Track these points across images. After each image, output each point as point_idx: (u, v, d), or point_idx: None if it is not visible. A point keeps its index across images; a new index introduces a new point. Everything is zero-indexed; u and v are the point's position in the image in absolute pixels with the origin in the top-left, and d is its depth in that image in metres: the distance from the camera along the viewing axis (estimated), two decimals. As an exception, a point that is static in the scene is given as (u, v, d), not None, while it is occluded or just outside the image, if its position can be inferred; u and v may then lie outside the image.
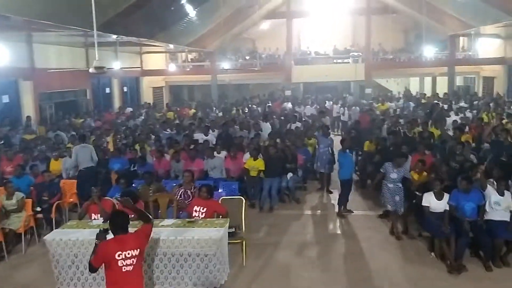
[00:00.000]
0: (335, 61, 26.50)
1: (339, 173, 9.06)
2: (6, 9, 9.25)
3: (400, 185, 7.63)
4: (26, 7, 9.55)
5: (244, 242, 6.80)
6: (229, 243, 6.44)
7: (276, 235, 7.98)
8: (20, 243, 7.67)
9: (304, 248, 7.42)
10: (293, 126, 13.34)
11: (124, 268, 4.32)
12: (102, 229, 4.75)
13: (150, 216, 4.99)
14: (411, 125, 11.46)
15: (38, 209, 8.22)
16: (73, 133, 13.41)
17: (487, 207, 6.54)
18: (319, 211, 9.37)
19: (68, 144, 11.74)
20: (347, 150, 9.14)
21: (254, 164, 9.45)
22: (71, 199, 8.99)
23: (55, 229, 6.88)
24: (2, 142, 12.35)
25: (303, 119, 15.64)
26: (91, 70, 7.81)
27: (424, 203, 6.75)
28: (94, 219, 6.72)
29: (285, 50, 26.18)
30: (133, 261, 4.35)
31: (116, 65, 18.53)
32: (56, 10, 10.55)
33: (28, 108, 16.49)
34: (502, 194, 6.53)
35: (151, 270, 5.92)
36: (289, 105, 20.07)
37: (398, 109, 17.86)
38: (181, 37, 20.36)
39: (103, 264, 4.37)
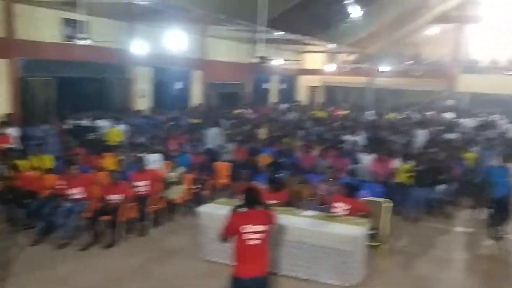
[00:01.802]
0: (508, 72, 23.92)
1: (493, 190, 8.22)
2: (188, 2, 10.31)
3: None
4: (204, 1, 10.53)
5: (383, 246, 6.63)
6: (368, 244, 6.35)
7: (418, 245, 7.60)
8: (176, 213, 8.57)
9: (446, 264, 6.94)
10: (450, 136, 12.53)
11: (248, 242, 4.36)
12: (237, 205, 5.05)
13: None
14: None
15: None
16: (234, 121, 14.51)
17: None
18: (470, 228, 8.63)
19: (227, 131, 12.74)
20: (504, 166, 8.25)
21: (403, 169, 9.12)
22: (224, 180, 9.72)
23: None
24: (173, 123, 13.92)
25: (463, 131, 14.52)
26: (254, 60, 8.30)
27: None
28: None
29: (451, 57, 24.46)
30: (258, 236, 4.37)
31: (277, 61, 19.32)
32: (229, 5, 11.45)
33: (196, 96, 18.20)
34: None
35: (288, 256, 6.13)
36: (451, 114, 18.78)
37: None
38: (342, 37, 20.41)
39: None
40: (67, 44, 12.23)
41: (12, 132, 10.71)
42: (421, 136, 12.57)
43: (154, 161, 9.16)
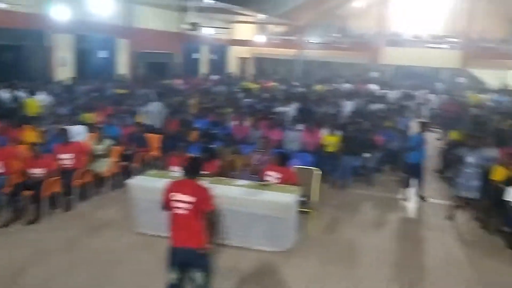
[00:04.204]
0: (429, 45, 25.22)
1: (407, 155, 8.74)
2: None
3: (478, 170, 7.34)
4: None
5: (314, 213, 6.84)
6: (299, 211, 6.51)
7: (346, 212, 7.93)
8: (104, 186, 8.29)
9: (371, 228, 7.31)
10: (375, 107, 13.08)
11: (176, 210, 4.29)
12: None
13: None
14: (503, 117, 10.76)
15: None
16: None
17: None
18: (393, 194, 9.12)
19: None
20: (420, 134, 8.79)
21: (331, 140, 9.43)
22: (155, 152, 9.50)
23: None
24: (96, 94, 13.28)
25: (387, 102, 15.20)
26: (185, 26, 8.05)
27: (507, 197, 6.35)
28: (174, 170, 7.05)
29: (376, 30, 25.32)
30: (185, 206, 4.24)
31: (207, 30, 18.99)
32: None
33: (123, 66, 17.46)
34: None
35: (221, 225, 6.14)
36: (375, 87, 19.56)
37: (492, 102, 16.83)
38: (272, 8, 20.38)
39: None
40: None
41: None
42: (348, 107, 13.00)
43: (78, 133, 8.73)
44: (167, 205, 4.39)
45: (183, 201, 4.26)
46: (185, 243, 4.29)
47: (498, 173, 7.18)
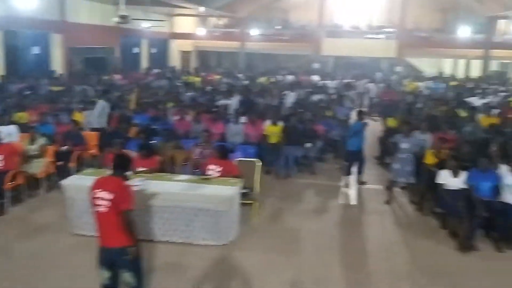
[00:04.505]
0: (367, 36, 25.95)
1: (347, 143, 9.00)
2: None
3: (412, 155, 7.70)
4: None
5: (256, 204, 6.86)
6: (241, 203, 6.52)
7: (289, 201, 8.02)
8: (39, 188, 7.93)
9: (315, 216, 7.44)
10: (317, 98, 13.31)
11: (96, 208, 4.18)
12: None
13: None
14: (436, 104, 11.26)
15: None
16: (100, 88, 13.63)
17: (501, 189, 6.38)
18: (335, 182, 9.33)
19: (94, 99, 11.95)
20: (360, 122, 9.05)
21: (274, 131, 9.50)
22: (92, 150, 9.18)
23: (74, 176, 7.06)
24: (30, 92, 12.66)
25: (328, 92, 15.50)
26: (115, 19, 7.81)
27: (439, 180, 6.65)
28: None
29: (316, 22, 25.73)
30: (105, 203, 4.11)
31: (145, 23, 18.56)
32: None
33: (57, 62, 16.74)
34: None
35: (161, 222, 6.05)
36: (317, 77, 19.89)
37: (428, 89, 17.57)
38: (211, 0, 20.21)
39: None
40: None
41: None
42: (290, 98, 13.14)
43: (9, 133, 8.30)
44: (91, 203, 4.25)
45: (103, 198, 4.13)
46: (108, 242, 4.18)
47: (430, 157, 7.51)
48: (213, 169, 6.80)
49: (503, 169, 6.50)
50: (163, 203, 5.99)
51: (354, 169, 9.01)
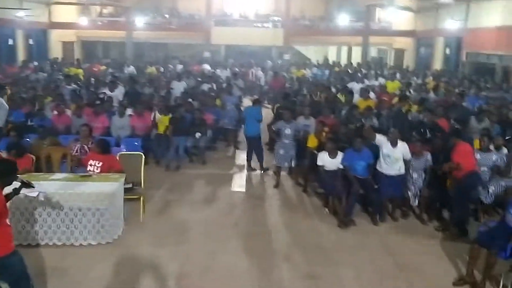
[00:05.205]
0: (255, 25, 26.41)
1: (245, 130, 9.18)
2: None
3: (294, 141, 8.14)
4: None
5: (142, 198, 6.68)
6: (126, 198, 6.30)
7: (178, 193, 7.93)
8: None
9: (203, 206, 7.44)
10: (206, 87, 13.29)
11: None
12: None
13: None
14: (317, 89, 11.83)
15: None
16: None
17: (381, 162, 6.83)
18: (226, 170, 9.40)
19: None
20: (251, 109, 9.26)
21: (162, 121, 9.35)
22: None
23: None
24: None
25: (218, 81, 15.54)
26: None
27: (318, 162, 7.00)
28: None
29: (205, 10, 25.62)
30: None
31: (18, 13, 17.10)
32: None
33: None
34: (394, 146, 6.73)
35: (39, 225, 5.66)
36: (207, 67, 19.82)
37: (313, 76, 18.37)
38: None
39: None
40: None
41: None
42: (178, 88, 12.94)
43: None
44: None
45: None
46: None
47: (312, 141, 7.86)
48: (93, 165, 6.49)
49: (381, 139, 6.88)
50: (40, 204, 5.59)
51: (252, 154, 9.17)
